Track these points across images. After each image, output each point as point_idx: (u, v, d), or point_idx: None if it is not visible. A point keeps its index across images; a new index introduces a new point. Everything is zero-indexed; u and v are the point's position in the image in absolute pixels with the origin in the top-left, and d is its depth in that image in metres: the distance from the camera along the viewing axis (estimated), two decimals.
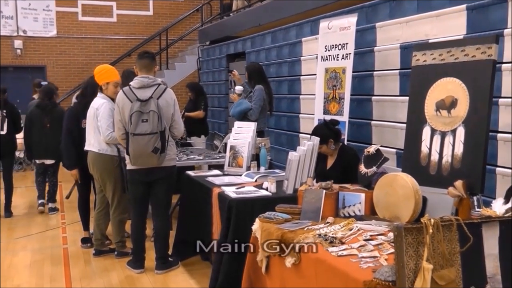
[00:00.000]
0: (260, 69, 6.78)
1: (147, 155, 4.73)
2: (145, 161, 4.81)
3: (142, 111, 4.69)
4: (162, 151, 4.76)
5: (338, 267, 2.69)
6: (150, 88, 4.81)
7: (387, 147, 5.38)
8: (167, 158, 4.89)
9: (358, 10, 6.28)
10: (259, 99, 6.32)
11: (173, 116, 4.90)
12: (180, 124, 5.04)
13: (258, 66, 6.84)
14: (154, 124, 4.68)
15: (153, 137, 4.68)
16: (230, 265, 4.10)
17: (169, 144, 4.89)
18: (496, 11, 4.53)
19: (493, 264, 2.21)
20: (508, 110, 4.28)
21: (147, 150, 4.70)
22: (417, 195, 3.26)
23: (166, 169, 4.95)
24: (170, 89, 4.99)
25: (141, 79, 4.85)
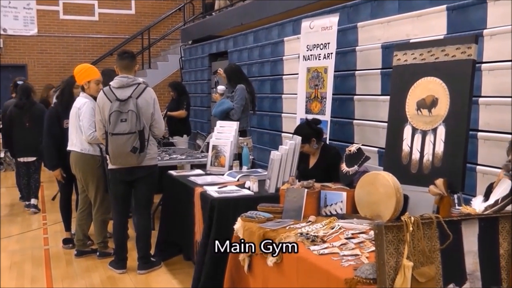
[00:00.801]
0: (238, 69, 6.82)
1: (126, 155, 4.72)
2: (124, 161, 4.80)
3: (121, 111, 4.69)
4: (141, 151, 4.74)
5: (320, 266, 2.70)
6: (130, 88, 4.81)
7: (369, 146, 5.41)
8: (148, 157, 4.87)
9: (340, 10, 6.30)
10: (240, 98, 6.33)
11: (153, 115, 4.88)
12: (161, 123, 5.03)
13: (235, 67, 6.89)
14: (132, 124, 4.66)
15: (132, 136, 4.67)
16: (212, 264, 4.10)
17: (149, 143, 4.88)
18: (475, 12, 4.57)
19: (473, 261, 2.23)
20: (488, 109, 4.33)
21: (126, 149, 4.69)
22: (398, 193, 3.29)
23: (147, 168, 4.93)
24: (150, 89, 4.97)
25: (121, 78, 4.85)
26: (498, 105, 4.24)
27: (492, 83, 4.33)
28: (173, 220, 5.22)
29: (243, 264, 3.54)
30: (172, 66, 14.03)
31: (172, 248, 5.36)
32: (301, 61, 6.29)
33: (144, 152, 4.78)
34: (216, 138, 5.55)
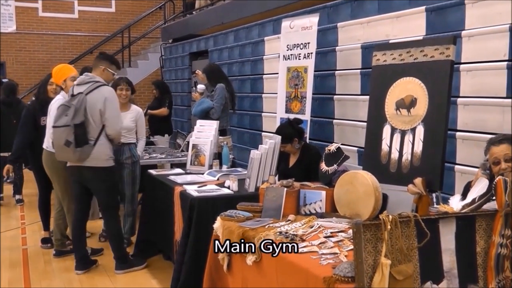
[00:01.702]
0: (217, 68, 6.88)
1: (61, 148, 4.68)
2: (62, 155, 4.79)
3: (68, 105, 4.69)
4: (77, 146, 4.64)
5: (299, 264, 2.71)
6: (85, 85, 4.80)
7: (348, 145, 5.44)
8: (92, 157, 4.79)
9: (320, 10, 6.33)
10: (220, 97, 6.31)
11: (103, 114, 4.76)
12: (113, 123, 4.84)
13: (214, 66, 6.97)
14: (69, 117, 4.61)
15: (66, 129, 4.61)
16: (192, 264, 4.09)
17: (98, 142, 4.80)
18: (454, 13, 4.62)
19: (450, 259, 2.25)
20: (466, 109, 4.38)
21: (60, 142, 4.65)
22: (377, 192, 3.31)
23: (92, 169, 4.83)
24: (105, 88, 4.84)
25: (82, 76, 4.92)
26: (476, 105, 4.30)
27: (470, 83, 4.39)
28: (152, 220, 5.20)
29: (222, 263, 3.53)
30: (152, 65, 13.96)
31: (152, 248, 5.33)
32: (281, 60, 6.30)
33: (82, 149, 4.68)
34: (196, 137, 5.54)
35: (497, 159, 3.05)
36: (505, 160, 3.02)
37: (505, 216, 2.27)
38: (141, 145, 5.83)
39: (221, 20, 9.60)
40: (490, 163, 3.13)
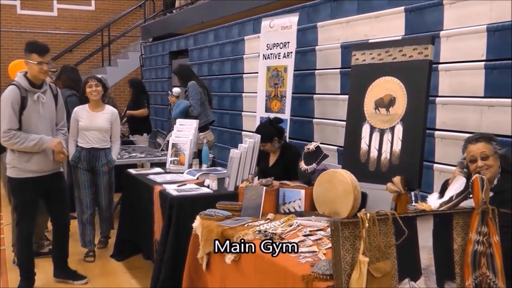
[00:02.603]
0: (187, 67, 7.12)
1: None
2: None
3: None
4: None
5: (277, 263, 2.71)
6: None
7: (328, 144, 5.46)
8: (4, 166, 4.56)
9: (300, 10, 6.34)
10: (194, 93, 6.40)
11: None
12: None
13: (184, 66, 7.17)
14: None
15: None
16: (171, 263, 4.07)
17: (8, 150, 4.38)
18: (432, 14, 4.66)
19: (427, 256, 2.27)
20: (445, 108, 4.42)
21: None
22: (356, 190, 3.32)
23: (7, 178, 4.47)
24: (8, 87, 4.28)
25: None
26: (454, 104, 4.33)
27: (448, 83, 4.43)
28: (132, 219, 5.17)
29: (201, 262, 3.52)
30: (132, 64, 13.86)
31: (131, 247, 5.30)
32: (261, 59, 6.30)
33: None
34: (175, 136, 5.52)
35: (474, 157, 3.08)
36: (482, 158, 3.06)
37: (482, 214, 2.29)
38: (116, 149, 5.47)
39: (201, 19, 9.57)
40: (467, 161, 3.16)
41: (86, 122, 5.23)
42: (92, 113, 5.27)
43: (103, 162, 5.28)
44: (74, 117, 5.25)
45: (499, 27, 4.03)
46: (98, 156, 5.27)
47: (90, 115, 5.26)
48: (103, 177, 5.32)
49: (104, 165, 5.29)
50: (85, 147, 5.23)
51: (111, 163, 5.35)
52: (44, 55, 4.25)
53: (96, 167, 5.28)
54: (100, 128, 5.25)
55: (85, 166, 5.25)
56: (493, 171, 3.04)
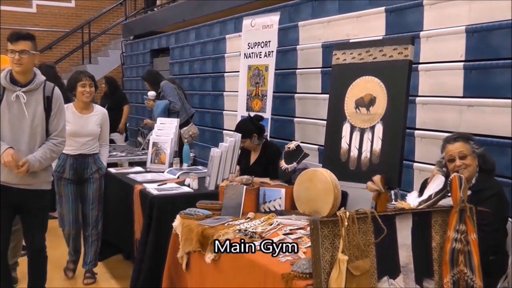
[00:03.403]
0: (154, 71, 7.47)
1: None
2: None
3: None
4: None
5: (257, 261, 2.71)
6: None
7: (309, 143, 5.47)
8: None
9: (281, 9, 6.34)
10: (170, 90, 6.56)
11: None
12: None
13: (151, 70, 7.58)
14: None
15: None
16: (151, 263, 4.04)
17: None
18: (412, 14, 4.69)
19: (406, 254, 2.28)
20: (424, 108, 4.45)
21: None
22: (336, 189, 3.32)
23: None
24: None
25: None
26: (434, 104, 4.37)
27: (428, 83, 4.46)
28: (112, 219, 5.12)
29: (181, 261, 3.50)
30: (113, 62, 13.75)
31: (111, 248, 5.26)
32: (242, 58, 6.29)
33: None
34: (156, 135, 5.49)
35: (452, 156, 3.11)
36: (460, 157, 3.09)
37: (460, 212, 2.32)
38: (105, 153, 4.85)
39: (183, 17, 9.54)
40: (445, 161, 3.19)
41: (75, 127, 4.54)
42: (80, 116, 4.62)
43: (93, 170, 4.65)
44: None
45: (477, 28, 4.07)
46: (86, 163, 4.62)
47: (79, 118, 4.61)
48: (92, 185, 4.66)
49: (94, 173, 4.66)
50: (71, 154, 4.55)
51: (102, 170, 4.73)
52: (15, 42, 3.65)
53: (84, 176, 4.64)
54: (91, 134, 4.63)
55: (71, 176, 4.59)
56: (471, 170, 3.08)
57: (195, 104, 8.41)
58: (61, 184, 4.62)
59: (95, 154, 4.68)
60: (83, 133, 4.59)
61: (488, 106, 3.92)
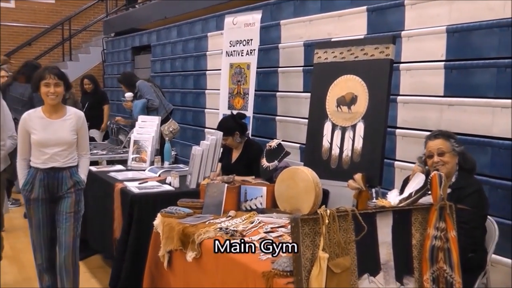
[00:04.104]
0: (129, 73, 7.58)
1: None
2: None
3: None
4: None
5: (238, 260, 2.71)
6: None
7: (290, 142, 5.48)
8: None
9: (263, 7, 6.33)
10: (147, 88, 6.59)
11: None
12: None
13: (126, 73, 7.63)
14: None
15: None
16: (132, 262, 4.03)
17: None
18: (394, 14, 4.72)
19: (386, 252, 2.29)
20: (406, 107, 4.48)
21: None
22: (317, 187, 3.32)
23: None
24: None
25: None
26: (415, 103, 4.41)
27: (409, 82, 4.49)
28: (91, 218, 5.08)
29: (163, 260, 3.49)
30: (94, 59, 13.63)
31: (91, 247, 5.21)
32: (224, 56, 6.28)
33: None
34: (137, 133, 5.46)
35: (431, 153, 3.14)
36: (438, 154, 3.12)
37: (440, 210, 2.33)
38: (85, 165, 4.01)
39: (164, 15, 9.50)
40: (425, 157, 3.22)
41: (42, 135, 3.76)
42: (49, 122, 3.80)
43: (68, 186, 3.83)
44: (23, 127, 3.78)
45: (458, 28, 4.11)
46: (60, 178, 3.81)
47: (47, 125, 3.79)
48: (66, 201, 3.83)
49: (70, 189, 3.83)
50: (41, 167, 3.77)
51: (80, 185, 3.90)
52: None
53: (58, 194, 3.83)
54: (62, 142, 3.80)
55: (41, 195, 3.79)
56: (448, 168, 3.10)
57: (176, 102, 8.38)
58: (30, 206, 3.84)
59: (72, 167, 3.87)
60: (53, 142, 3.77)
61: (469, 105, 3.96)
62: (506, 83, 3.75)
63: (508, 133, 3.69)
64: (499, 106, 3.75)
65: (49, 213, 3.85)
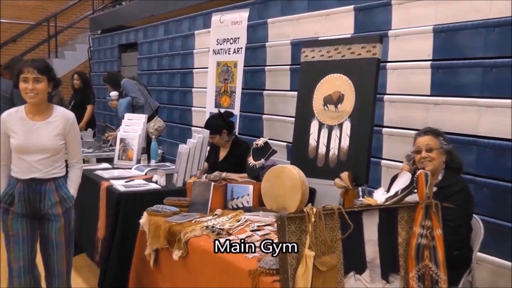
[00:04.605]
0: (114, 72, 7.71)
1: None
2: None
3: None
4: None
5: (224, 258, 2.70)
6: None
7: (277, 140, 5.49)
8: None
9: (250, 6, 6.33)
10: (132, 86, 6.63)
11: None
12: None
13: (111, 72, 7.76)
14: None
15: None
16: (118, 260, 4.00)
17: None
18: (381, 13, 4.74)
19: (372, 250, 2.30)
20: (392, 106, 4.50)
21: None
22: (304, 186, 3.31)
23: None
24: None
25: None
26: (401, 102, 4.43)
27: (396, 81, 4.51)
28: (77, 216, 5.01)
29: (149, 259, 3.47)
30: (80, 56, 13.51)
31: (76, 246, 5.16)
32: (211, 55, 6.27)
33: None
34: (124, 131, 5.43)
35: (420, 148, 3.16)
36: (426, 150, 3.14)
37: (426, 208, 2.34)
38: (76, 176, 3.48)
39: (151, 12, 9.45)
40: (413, 152, 3.23)
41: (21, 139, 3.23)
42: (30, 123, 3.26)
43: (53, 201, 3.28)
44: (1, 129, 3.26)
45: (444, 28, 4.13)
46: (43, 191, 3.27)
47: (28, 127, 3.25)
48: (55, 225, 3.31)
49: (54, 206, 3.29)
50: (21, 178, 3.24)
51: (68, 202, 3.37)
52: None
53: (41, 210, 3.29)
54: (45, 148, 3.25)
55: (22, 210, 3.26)
56: (435, 164, 3.12)
57: (163, 100, 8.36)
58: (8, 218, 3.28)
59: (58, 179, 3.32)
60: (33, 148, 3.22)
61: (455, 104, 3.99)
62: (492, 82, 3.78)
63: (493, 132, 3.72)
64: (485, 105, 3.78)
65: (30, 229, 3.30)
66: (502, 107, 3.67)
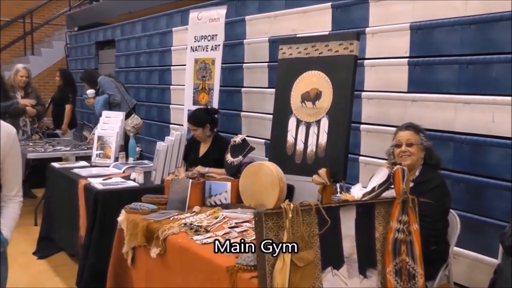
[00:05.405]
0: (91, 70, 7.71)
1: None
2: None
3: None
4: None
5: (202, 255, 2.70)
6: None
7: (255, 137, 5.48)
8: None
9: (228, 3, 6.31)
10: (108, 84, 6.63)
11: None
12: None
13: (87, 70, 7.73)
14: None
15: None
16: (96, 259, 3.97)
17: None
18: (358, 11, 4.76)
19: (350, 245, 2.31)
20: (370, 103, 4.52)
21: None
22: (281, 182, 3.35)
23: None
24: None
25: None
26: (379, 99, 4.45)
27: (373, 78, 4.54)
28: (56, 215, 4.99)
29: (126, 257, 3.45)
30: (57, 53, 13.34)
31: (55, 244, 5.12)
32: (188, 52, 6.24)
33: None
34: (101, 129, 5.38)
35: (400, 142, 3.19)
36: (407, 144, 3.16)
37: (402, 203, 2.35)
38: (11, 214, 2.50)
39: (129, 9, 9.38)
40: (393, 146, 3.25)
41: None
42: None
43: None
44: None
45: (421, 25, 4.17)
46: None
47: None
48: None
49: None
50: None
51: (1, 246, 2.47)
52: None
53: None
54: None
55: None
56: (414, 159, 3.14)
57: (141, 97, 8.31)
58: None
59: None
60: None
61: (431, 101, 4.02)
62: (468, 79, 3.82)
63: (470, 128, 3.76)
64: (461, 102, 3.82)
65: None
66: (478, 103, 3.71)
